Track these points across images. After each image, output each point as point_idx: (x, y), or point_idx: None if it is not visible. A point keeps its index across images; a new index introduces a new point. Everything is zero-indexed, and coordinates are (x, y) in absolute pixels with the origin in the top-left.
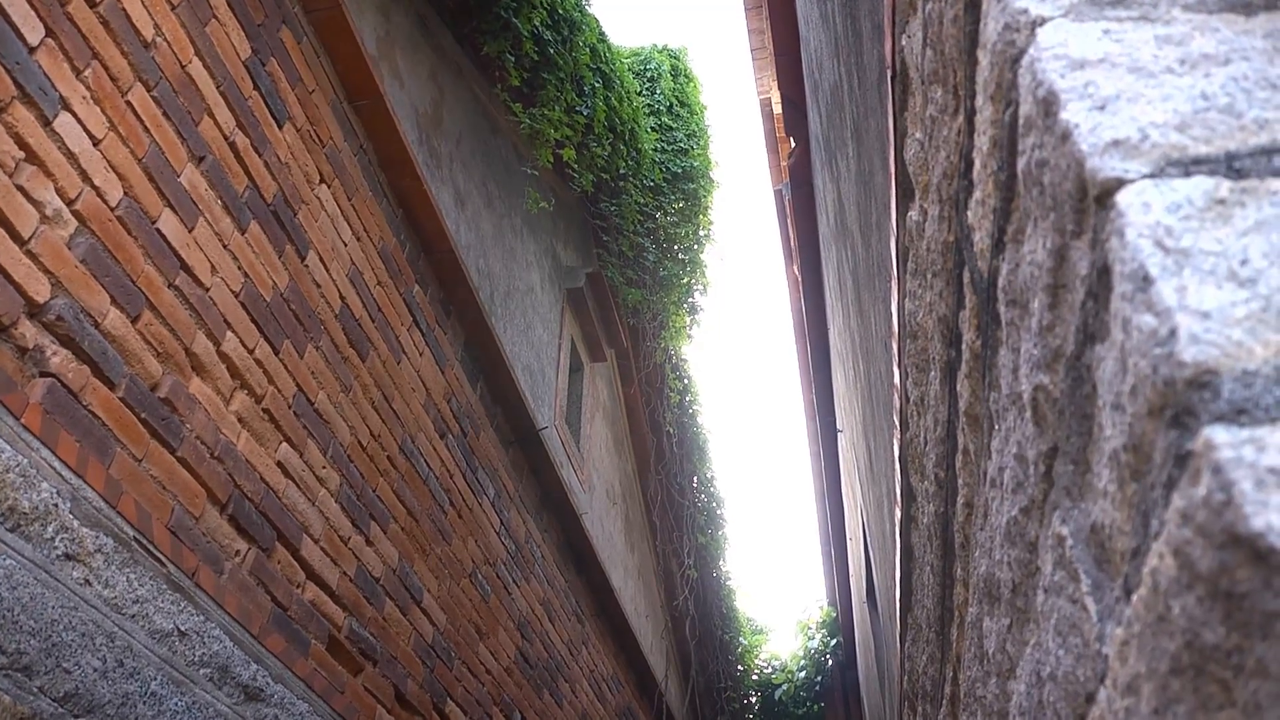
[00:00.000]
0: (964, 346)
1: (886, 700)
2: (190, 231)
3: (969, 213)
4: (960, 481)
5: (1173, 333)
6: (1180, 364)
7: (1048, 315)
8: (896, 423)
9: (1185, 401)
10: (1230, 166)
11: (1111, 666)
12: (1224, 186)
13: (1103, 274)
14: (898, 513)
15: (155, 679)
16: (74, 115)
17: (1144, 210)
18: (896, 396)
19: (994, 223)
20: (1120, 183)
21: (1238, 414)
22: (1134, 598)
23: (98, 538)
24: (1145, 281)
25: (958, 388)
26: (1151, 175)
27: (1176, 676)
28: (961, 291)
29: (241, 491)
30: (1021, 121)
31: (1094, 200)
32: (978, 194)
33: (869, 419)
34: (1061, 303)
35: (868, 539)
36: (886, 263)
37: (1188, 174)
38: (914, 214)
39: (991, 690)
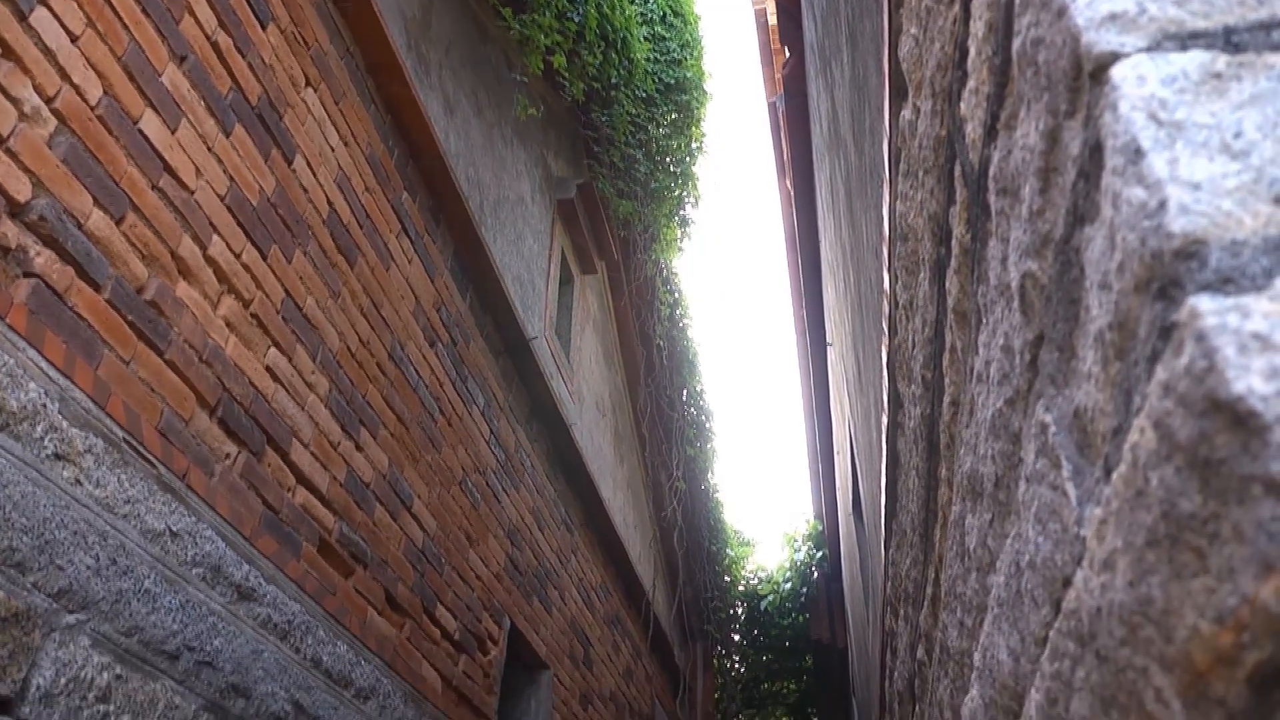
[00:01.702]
0: (953, 242)
1: (869, 608)
2: (173, 133)
3: (962, 104)
4: (947, 381)
5: (1162, 204)
6: (1168, 235)
7: (1038, 200)
8: (885, 329)
9: (1172, 273)
10: (1228, 41)
11: (1089, 547)
12: (1221, 60)
13: (1094, 152)
14: (884, 419)
15: (149, 577)
16: (50, 10)
17: (1139, 84)
18: (886, 302)
19: (987, 111)
20: (1115, 56)
21: (1224, 283)
22: (1113, 476)
23: (87, 438)
24: (1137, 154)
25: (946, 285)
26: (1148, 49)
27: (1152, 549)
28: (952, 186)
29: (230, 395)
30: (1018, 1)
31: (1089, 76)
32: (971, 83)
33: (858, 330)
34: (1052, 186)
35: (855, 451)
36: (879, 167)
37: (1184, 48)
38: (907, 113)
39: (971, 586)
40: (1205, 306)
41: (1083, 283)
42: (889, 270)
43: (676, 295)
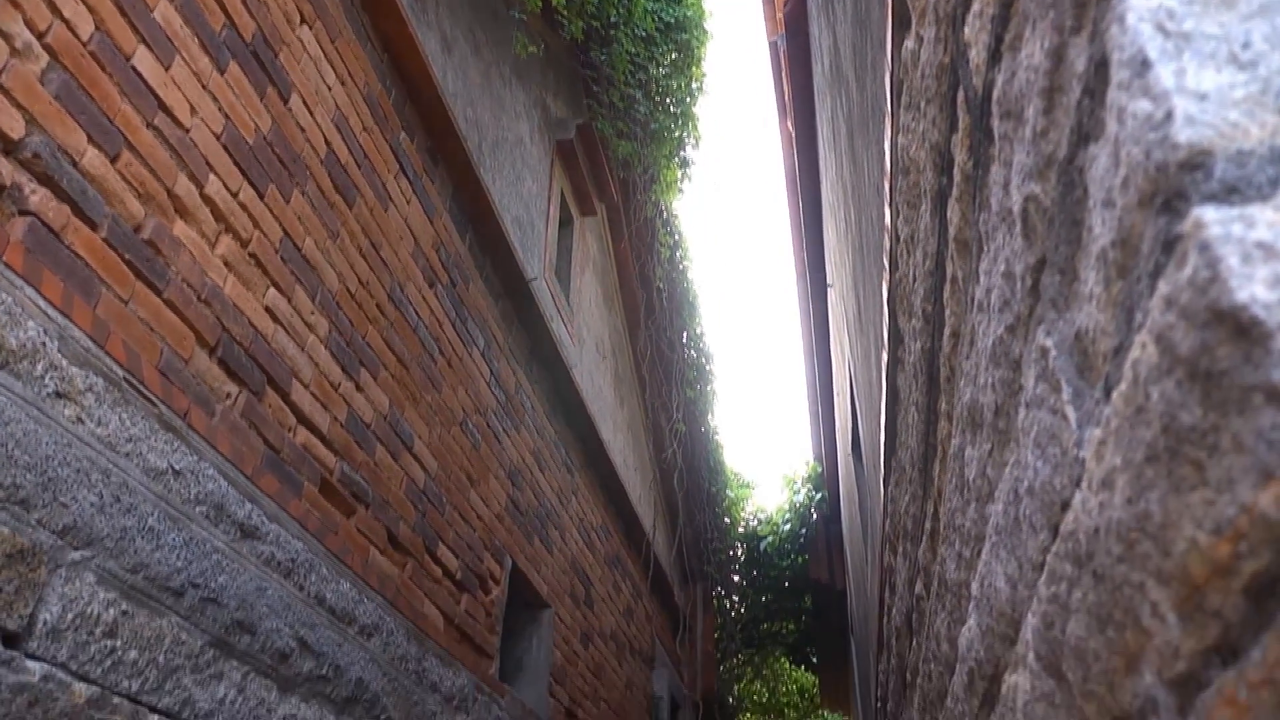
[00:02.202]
0: (955, 171)
1: (868, 548)
2: (167, 70)
3: (965, 29)
4: (948, 312)
5: (1168, 115)
6: (1174, 146)
7: (1042, 121)
8: (886, 265)
9: (1177, 185)
10: None
11: (1088, 468)
12: None
13: (1100, 67)
14: (884, 356)
15: (152, 515)
16: None
17: None
18: (887, 238)
19: (991, 33)
20: None
21: (1229, 193)
22: (1113, 395)
23: (87, 377)
24: (1143, 66)
25: (947, 215)
26: None
27: (1151, 464)
28: (955, 114)
29: (230, 335)
30: None
31: None
32: (976, 6)
33: (859, 269)
34: (1056, 106)
35: (854, 392)
36: (880, 102)
37: None
38: (909, 43)
39: (970, 517)
40: (1210, 217)
41: (1086, 203)
42: (890, 205)
43: (676, 237)
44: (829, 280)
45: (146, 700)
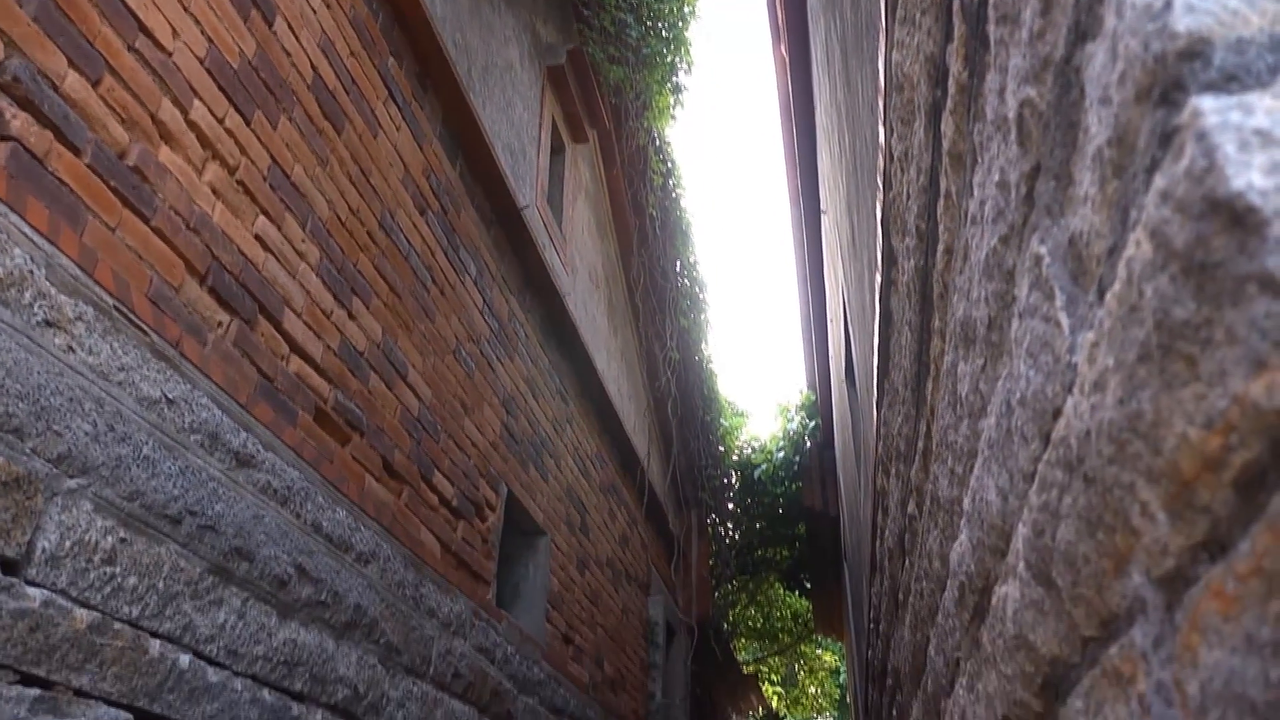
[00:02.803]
0: (950, 82)
1: (861, 473)
2: None
3: None
4: (941, 228)
5: (1168, 4)
6: (1173, 35)
7: (1038, 22)
8: (880, 184)
9: (1175, 75)
10: None
11: (1080, 373)
12: None
13: None
14: (878, 278)
15: (147, 444)
16: None
17: None
18: (880, 157)
19: None
20: None
21: (1228, 81)
22: (1107, 297)
23: (76, 305)
24: None
25: (941, 128)
26: None
27: (1143, 363)
28: (950, 23)
29: (220, 263)
30: None
31: None
32: None
33: (853, 193)
34: (1054, 5)
35: (848, 318)
36: (875, 18)
37: None
38: None
39: (962, 433)
40: (1208, 106)
41: (1082, 104)
42: (884, 123)
43: (669, 165)
44: (823, 207)
45: (147, 626)
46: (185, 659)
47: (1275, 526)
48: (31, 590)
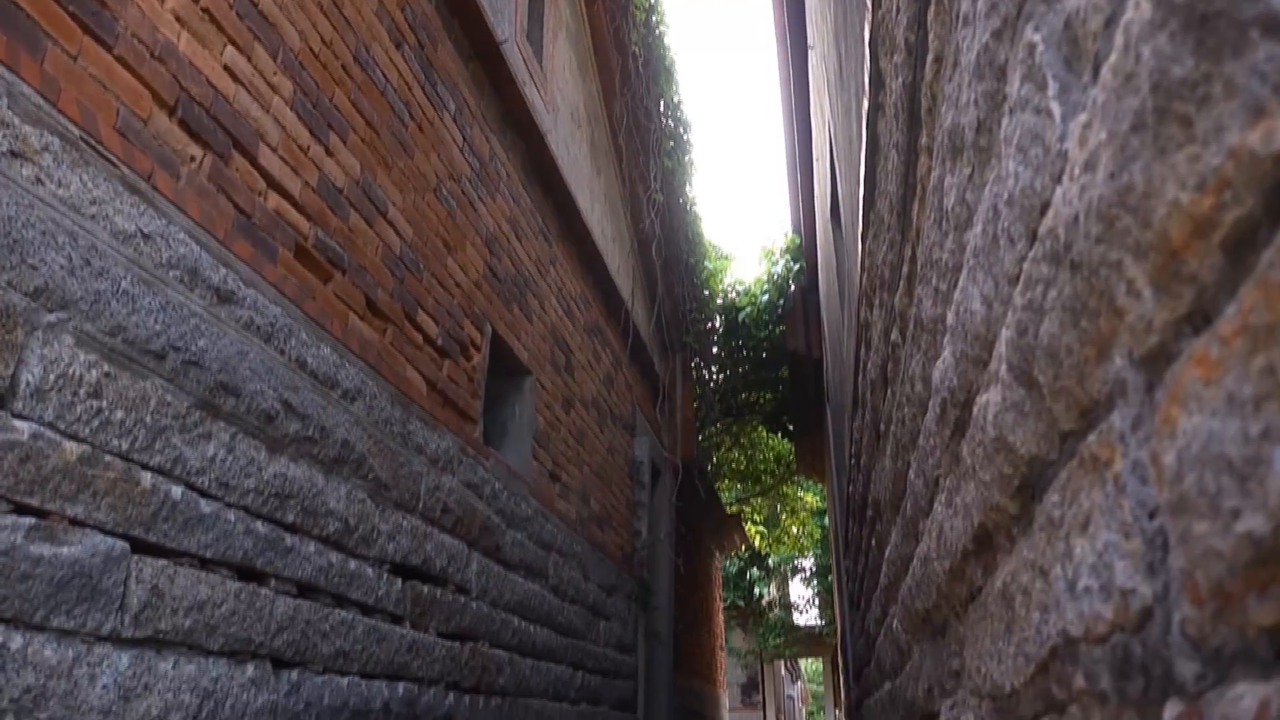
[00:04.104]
0: None
1: (845, 312)
2: None
3: None
4: (931, 36)
5: None
6: None
7: None
8: (869, 4)
9: None
10: None
11: (1070, 158)
12: None
13: None
14: (865, 104)
15: (125, 279)
16: None
17: None
18: None
19: None
20: None
21: None
22: (1101, 71)
23: (42, 136)
24: None
25: None
26: None
27: (1137, 132)
28: None
29: (189, 95)
30: None
31: None
32: None
33: (840, 22)
34: None
35: (834, 155)
36: None
37: None
38: None
39: (948, 249)
40: None
41: None
42: None
43: (652, 1)
44: (810, 42)
45: (138, 459)
46: (178, 490)
47: (1264, 283)
48: (19, 423)
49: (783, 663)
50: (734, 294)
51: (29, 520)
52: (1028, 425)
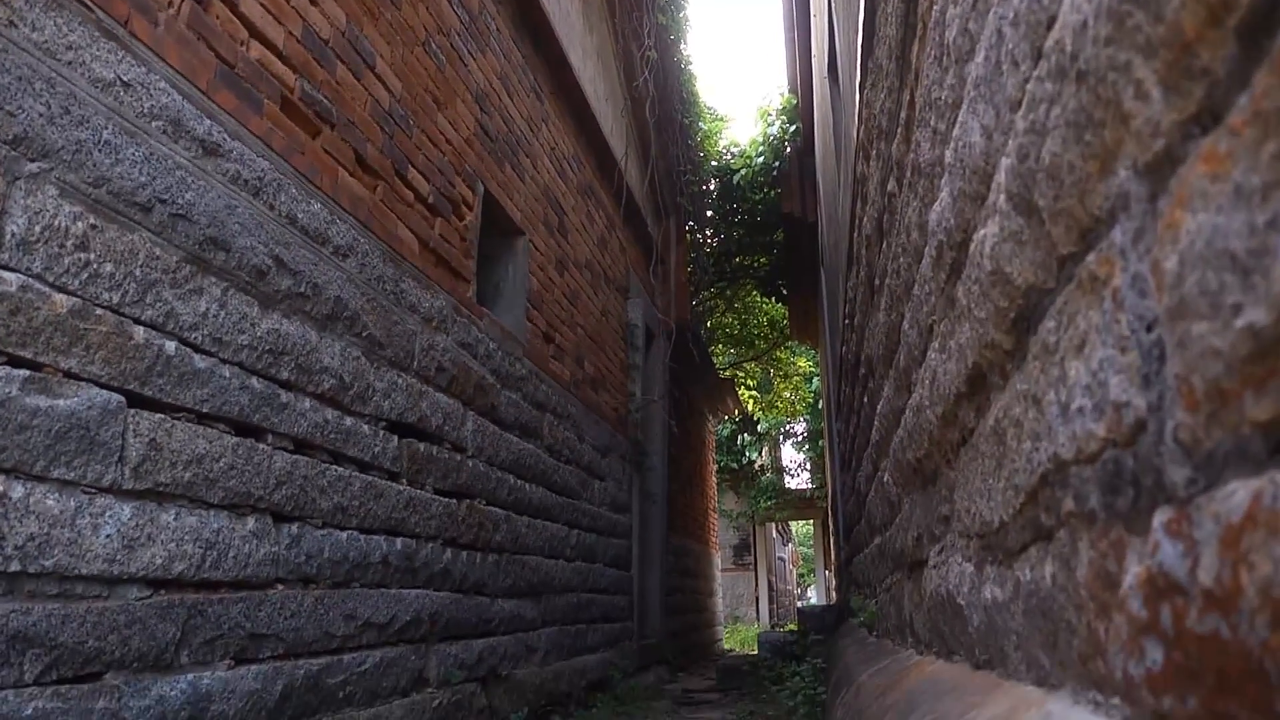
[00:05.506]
0: None
1: (841, 170)
2: None
3: None
4: None
5: None
6: None
7: None
8: None
9: None
10: None
11: None
12: None
13: None
14: None
15: (106, 128)
16: None
17: None
18: None
19: None
20: None
21: None
22: None
23: None
24: None
25: None
26: None
27: None
28: None
29: None
30: None
31: None
32: None
33: None
34: None
35: (832, 5)
36: None
37: None
38: None
39: (948, 85)
40: None
41: None
42: None
43: None
44: None
45: (129, 313)
46: (171, 345)
47: (1278, 65)
48: (7, 274)
49: (774, 526)
50: (729, 156)
51: (23, 372)
52: (1025, 254)
